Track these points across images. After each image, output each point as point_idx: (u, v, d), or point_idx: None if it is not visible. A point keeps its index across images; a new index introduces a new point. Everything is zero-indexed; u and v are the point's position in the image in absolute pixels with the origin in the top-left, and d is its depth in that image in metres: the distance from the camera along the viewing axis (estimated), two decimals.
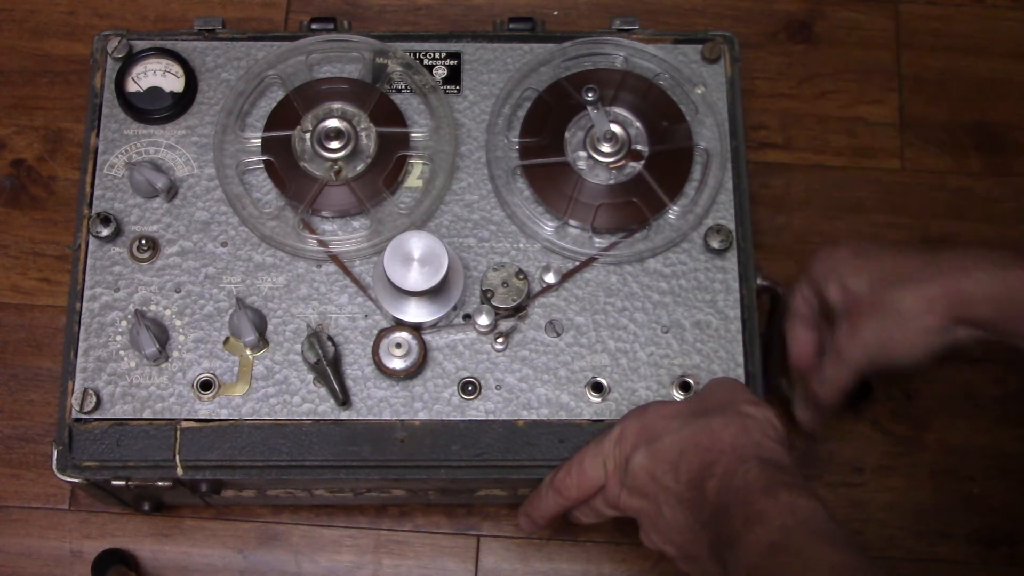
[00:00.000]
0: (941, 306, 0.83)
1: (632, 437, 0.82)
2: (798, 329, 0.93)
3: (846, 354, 0.87)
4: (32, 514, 1.03)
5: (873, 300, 0.85)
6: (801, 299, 0.92)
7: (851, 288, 0.86)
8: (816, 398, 0.91)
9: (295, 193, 0.92)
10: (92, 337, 0.90)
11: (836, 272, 0.87)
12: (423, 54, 0.98)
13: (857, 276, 0.86)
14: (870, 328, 0.85)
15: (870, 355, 0.86)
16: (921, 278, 0.84)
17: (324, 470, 0.88)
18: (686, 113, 0.96)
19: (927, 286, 0.83)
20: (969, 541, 1.04)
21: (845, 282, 0.87)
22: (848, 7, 1.19)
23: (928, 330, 0.84)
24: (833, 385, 0.89)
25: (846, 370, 0.88)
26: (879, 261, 0.86)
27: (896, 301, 0.84)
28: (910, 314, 0.84)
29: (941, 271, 0.84)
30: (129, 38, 0.97)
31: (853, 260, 0.87)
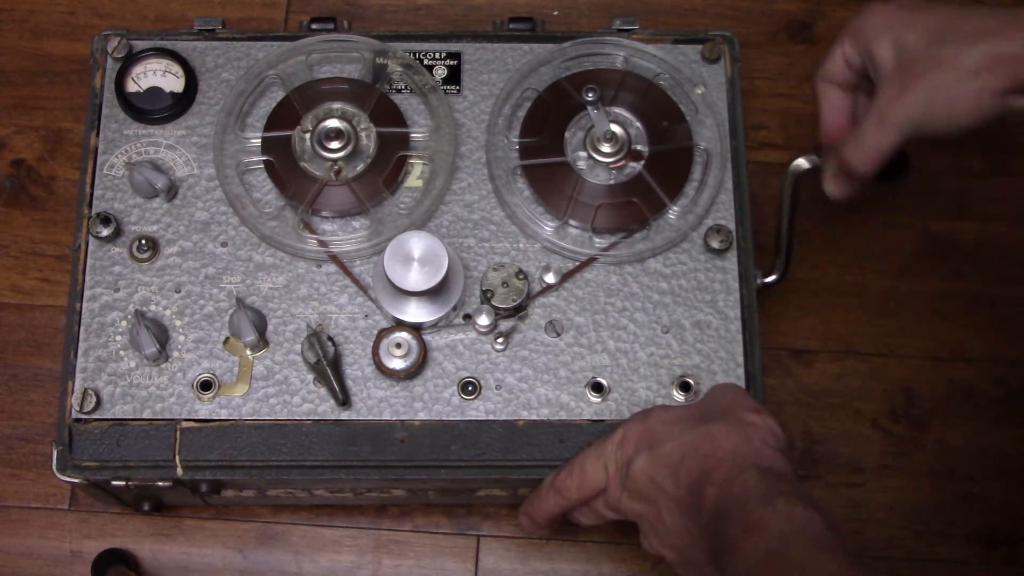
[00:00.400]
0: (1007, 66, 0.77)
1: (634, 441, 0.82)
2: (832, 91, 0.87)
3: (890, 115, 0.80)
4: (32, 514, 1.03)
5: (930, 56, 0.78)
6: (841, 58, 0.85)
7: (907, 43, 0.80)
8: (850, 166, 0.84)
9: (295, 193, 0.92)
10: (92, 337, 0.90)
11: (890, 28, 0.81)
12: (423, 54, 0.98)
13: (916, 31, 0.79)
14: (923, 86, 0.79)
15: (917, 117, 0.80)
16: (992, 34, 0.77)
17: (324, 470, 0.88)
18: (686, 113, 0.96)
19: (995, 44, 0.77)
20: (969, 541, 1.04)
21: (901, 37, 0.80)
22: (848, 7, 1.19)
23: (985, 92, 0.78)
24: (872, 151, 0.82)
25: (888, 134, 0.81)
26: (940, 15, 0.79)
27: (957, 57, 0.77)
28: (970, 72, 0.77)
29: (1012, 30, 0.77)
30: (129, 38, 0.97)
31: (910, 15, 0.81)
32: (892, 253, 1.11)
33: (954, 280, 1.10)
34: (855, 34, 0.84)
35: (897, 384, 1.07)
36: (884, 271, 1.11)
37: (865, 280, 1.11)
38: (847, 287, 1.10)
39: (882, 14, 0.82)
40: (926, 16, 0.80)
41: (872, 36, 0.82)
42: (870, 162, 0.83)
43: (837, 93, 0.87)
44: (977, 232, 1.12)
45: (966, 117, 0.79)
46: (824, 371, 1.08)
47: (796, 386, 1.07)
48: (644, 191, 0.93)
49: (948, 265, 1.11)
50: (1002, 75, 0.77)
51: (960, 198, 1.13)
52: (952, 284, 1.10)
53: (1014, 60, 0.77)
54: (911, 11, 0.81)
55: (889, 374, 1.08)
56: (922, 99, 0.79)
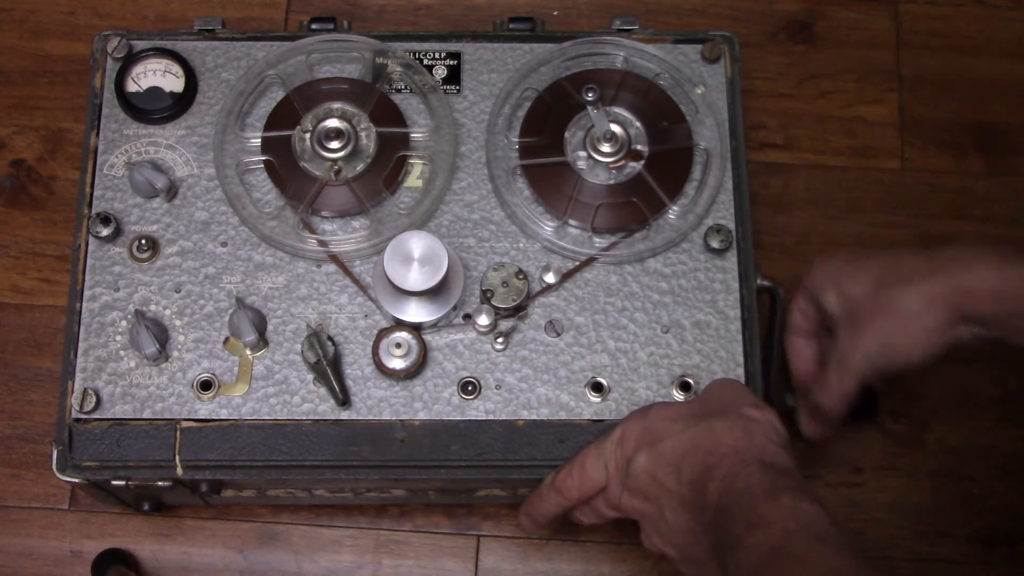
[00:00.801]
0: (943, 304, 0.82)
1: (634, 439, 0.82)
2: (798, 342, 0.93)
3: (848, 360, 0.86)
4: (32, 514, 1.03)
5: (873, 303, 0.84)
6: (799, 312, 0.91)
7: (850, 293, 0.86)
8: (820, 409, 0.90)
9: (295, 193, 0.92)
10: (92, 337, 0.90)
11: (833, 280, 0.87)
12: (423, 54, 0.98)
13: (855, 281, 0.86)
14: (872, 331, 0.84)
15: (873, 359, 0.85)
16: (921, 277, 0.83)
17: (324, 470, 0.88)
18: (686, 113, 0.96)
19: (928, 284, 0.83)
20: (969, 541, 1.04)
21: (843, 288, 0.86)
22: (848, 7, 1.19)
23: (931, 329, 0.83)
24: (837, 394, 0.88)
25: (849, 377, 0.87)
26: (876, 264, 0.86)
27: (897, 301, 0.83)
28: (912, 313, 0.83)
29: (941, 268, 0.83)
30: (129, 38, 0.97)
31: (849, 266, 0.87)
32: None
33: None
34: (806, 289, 0.90)
35: (897, 384, 1.07)
36: None
37: None
38: None
39: (824, 267, 0.89)
40: (863, 266, 0.86)
41: (820, 289, 0.88)
42: (837, 403, 0.89)
43: (802, 342, 0.93)
44: (977, 232, 1.12)
45: (919, 353, 0.84)
46: None
47: None
48: (644, 191, 0.93)
49: None
50: (940, 312, 0.83)
51: (960, 198, 1.13)
52: None
53: (946, 297, 0.82)
54: (849, 262, 0.87)
55: None
56: (874, 342, 0.85)
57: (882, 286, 0.84)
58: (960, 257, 0.83)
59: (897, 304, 0.83)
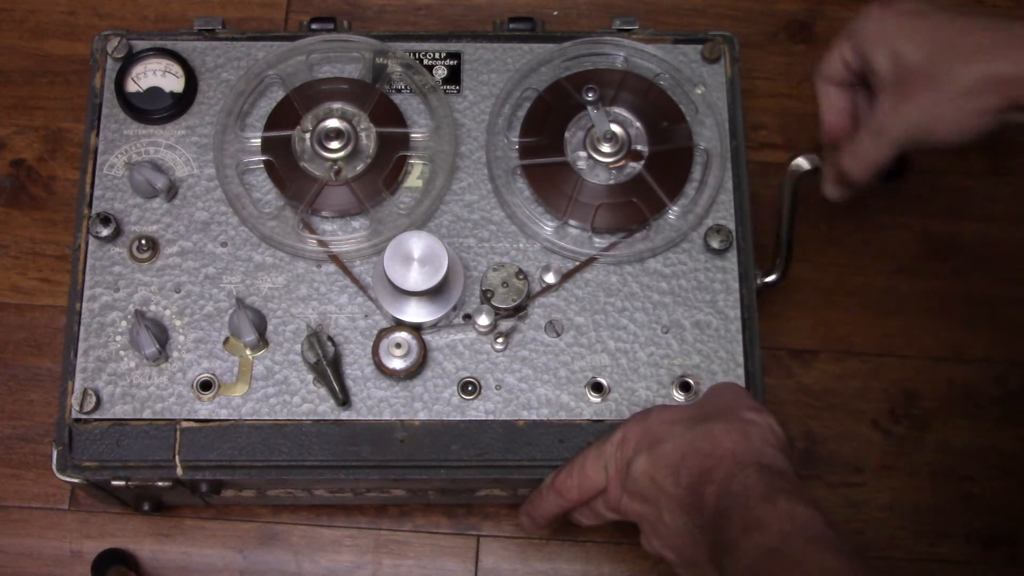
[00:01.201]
0: (1003, 88, 0.77)
1: (634, 441, 0.82)
2: (832, 92, 0.86)
3: (887, 129, 0.80)
4: (32, 514, 1.03)
5: (927, 72, 0.78)
6: (839, 60, 0.85)
7: (905, 56, 0.79)
8: (848, 174, 0.85)
9: (295, 193, 0.92)
10: (92, 337, 0.90)
11: (888, 36, 0.80)
12: (423, 54, 0.98)
13: (913, 43, 0.79)
14: (919, 102, 0.79)
15: (913, 132, 0.80)
16: (984, 54, 0.77)
17: (324, 470, 0.88)
18: (686, 113, 0.96)
19: (991, 65, 0.77)
20: (969, 541, 1.04)
21: (898, 48, 0.79)
22: (848, 7, 1.19)
23: (982, 111, 0.78)
24: (869, 162, 0.82)
25: (885, 146, 0.81)
26: (938, 28, 0.79)
27: (954, 76, 0.77)
28: (967, 92, 0.77)
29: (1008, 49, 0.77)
30: (129, 38, 0.97)
31: (909, 24, 0.80)
32: (892, 253, 1.11)
33: (954, 280, 1.10)
34: (853, 38, 0.83)
35: (897, 384, 1.08)
36: (884, 271, 1.11)
37: (865, 280, 1.11)
38: (847, 287, 1.10)
39: (880, 20, 0.82)
40: (923, 27, 0.80)
41: (870, 43, 0.82)
42: (867, 172, 0.84)
43: (836, 92, 0.87)
44: (977, 232, 1.12)
45: (962, 134, 0.79)
46: (824, 371, 1.08)
47: (796, 386, 1.07)
48: (644, 191, 0.93)
49: (948, 265, 1.11)
50: (997, 96, 0.77)
51: (960, 198, 1.13)
52: (952, 284, 1.10)
53: (1009, 81, 0.77)
54: (909, 19, 0.80)
55: (889, 374, 1.08)
56: (918, 115, 0.79)
57: (941, 55, 0.78)
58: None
59: (953, 79, 0.77)
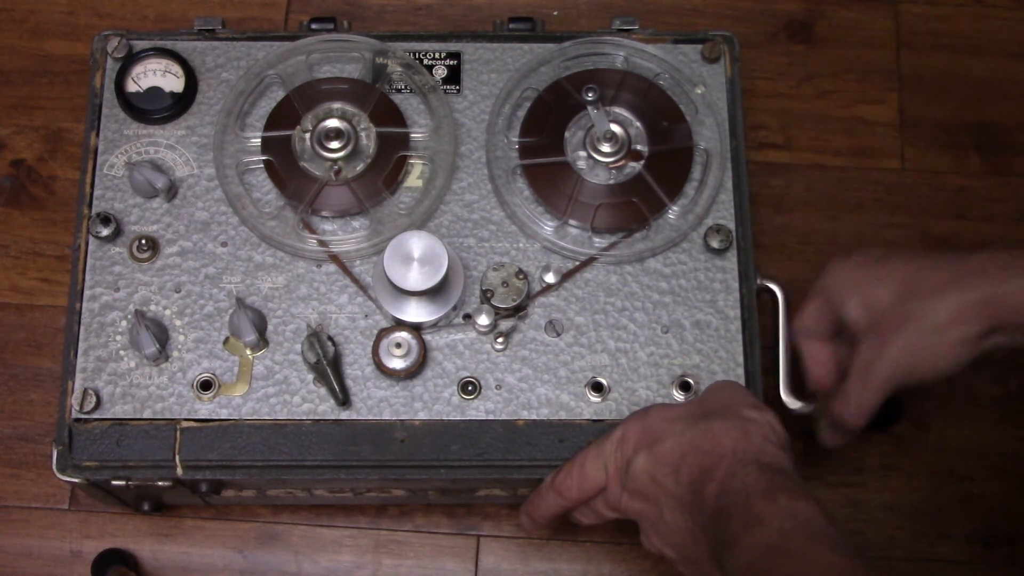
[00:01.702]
0: (975, 315, 0.79)
1: (634, 440, 0.82)
2: (813, 346, 0.89)
3: (873, 374, 0.82)
4: (32, 514, 1.03)
5: (899, 313, 0.80)
6: (813, 315, 0.87)
7: (873, 302, 0.82)
8: (842, 422, 0.86)
9: (295, 193, 0.92)
10: (92, 337, 0.90)
11: (855, 287, 0.83)
12: (423, 54, 0.98)
13: (881, 287, 0.82)
14: (898, 344, 0.80)
15: (899, 373, 0.82)
16: (950, 287, 0.79)
17: (324, 470, 0.88)
18: (686, 113, 0.96)
19: (958, 294, 0.79)
20: (969, 541, 1.04)
21: (865, 296, 0.82)
22: (848, 7, 1.19)
23: (961, 341, 0.80)
24: (860, 408, 0.84)
25: (874, 391, 0.83)
26: (900, 270, 0.82)
27: (925, 313, 0.79)
28: (942, 326, 0.79)
29: (971, 277, 0.79)
30: (129, 38, 0.97)
31: (871, 271, 0.83)
32: None
33: None
34: (823, 293, 0.86)
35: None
36: None
37: None
38: None
39: (846, 272, 0.84)
40: (887, 271, 0.82)
41: (838, 296, 0.84)
42: (859, 417, 0.85)
43: (817, 345, 0.89)
44: (977, 232, 1.12)
45: (946, 366, 0.81)
46: None
47: None
48: (644, 191, 0.93)
49: None
50: (972, 324, 0.79)
51: (960, 198, 1.13)
52: None
53: (978, 308, 0.79)
54: (870, 266, 0.83)
55: None
56: (900, 356, 0.81)
57: (909, 295, 0.80)
58: (990, 265, 0.79)
59: (926, 316, 0.79)
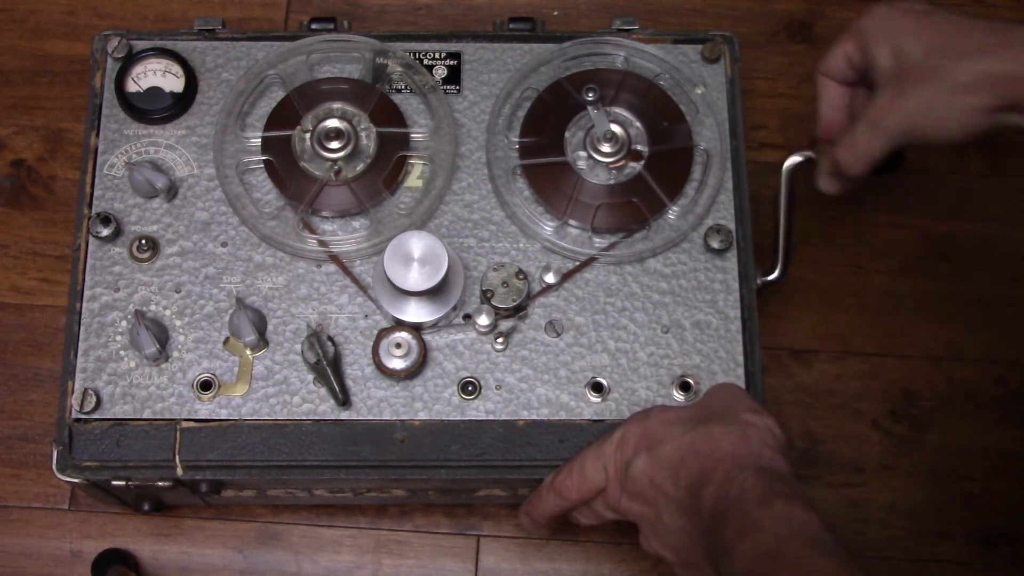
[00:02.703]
0: (997, 85, 0.78)
1: (633, 442, 0.82)
2: (832, 88, 0.88)
3: (883, 121, 0.82)
4: (32, 514, 1.03)
5: (926, 67, 0.80)
6: (843, 55, 0.86)
7: (906, 52, 0.81)
8: (843, 166, 0.86)
9: (295, 193, 0.92)
10: (92, 337, 0.90)
11: (892, 33, 0.82)
12: (423, 54, 0.98)
13: (915, 39, 0.81)
14: (915, 96, 0.80)
15: (908, 125, 0.82)
16: (983, 52, 0.79)
17: (324, 470, 0.88)
18: (686, 113, 0.96)
19: (987, 62, 0.78)
20: (969, 541, 1.04)
21: (900, 44, 0.81)
22: (848, 7, 1.19)
23: (976, 108, 0.79)
24: (864, 154, 0.84)
25: (880, 139, 0.83)
26: (940, 26, 0.81)
27: (951, 71, 0.79)
28: (962, 87, 0.79)
29: (1006, 48, 0.78)
30: (129, 38, 0.97)
31: (913, 22, 0.82)
32: (892, 253, 1.11)
33: (954, 280, 1.10)
34: (858, 34, 0.85)
35: (897, 384, 1.08)
36: (884, 271, 1.11)
37: (865, 280, 1.11)
38: (847, 287, 1.10)
39: (885, 18, 0.83)
40: (927, 25, 0.81)
41: (873, 39, 0.83)
42: (862, 164, 0.85)
43: (836, 89, 0.88)
44: (977, 232, 1.12)
45: (956, 131, 0.81)
46: (824, 371, 1.08)
47: (796, 386, 1.07)
48: (644, 191, 0.93)
49: (948, 265, 1.11)
50: (992, 94, 0.79)
51: (960, 198, 1.13)
52: (952, 284, 1.10)
53: (1004, 79, 0.78)
54: (914, 18, 0.82)
55: (889, 374, 1.08)
56: (914, 109, 0.81)
57: (940, 52, 0.80)
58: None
59: (950, 75, 0.79)
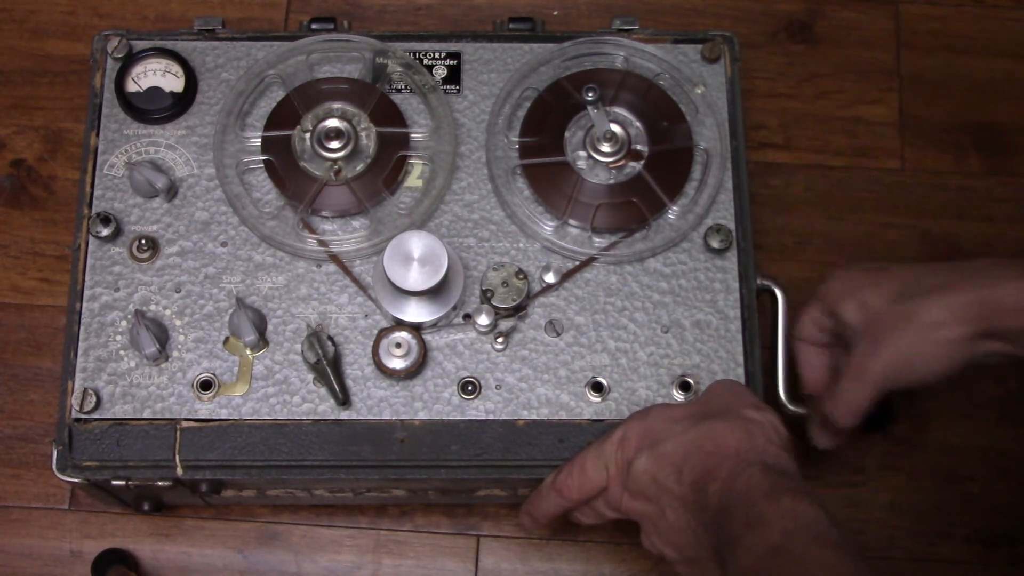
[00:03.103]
0: (967, 316, 0.80)
1: (635, 440, 0.82)
2: (809, 351, 0.91)
3: (866, 372, 0.83)
4: (32, 514, 1.03)
5: (894, 313, 0.82)
6: (811, 321, 0.89)
7: (870, 304, 0.83)
8: (833, 421, 0.87)
9: (295, 193, 0.92)
10: (92, 337, 0.90)
11: (853, 291, 0.85)
12: (423, 54, 0.98)
13: (876, 291, 0.83)
14: (892, 342, 0.82)
15: (891, 372, 0.83)
16: (945, 289, 0.81)
17: (324, 470, 0.88)
18: (686, 113, 0.96)
19: (953, 296, 0.80)
20: (969, 541, 1.04)
21: (864, 299, 0.84)
22: (848, 7, 1.19)
23: (952, 342, 0.80)
24: (852, 407, 0.85)
25: (866, 390, 0.84)
26: (898, 276, 0.84)
27: (919, 312, 0.81)
28: (934, 325, 0.80)
29: (966, 281, 0.81)
30: (129, 38, 0.97)
31: (870, 277, 0.85)
32: (892, 253, 1.11)
33: None
34: (822, 299, 0.88)
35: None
36: None
37: None
38: None
39: (844, 279, 0.87)
40: (885, 277, 0.84)
41: (838, 299, 0.86)
42: (851, 416, 0.86)
43: (813, 351, 0.91)
44: (977, 232, 1.12)
45: (938, 368, 0.82)
46: None
47: None
48: (644, 191, 0.93)
49: None
50: (966, 325, 0.80)
51: (960, 198, 1.13)
52: None
53: (974, 307, 0.80)
54: (871, 274, 0.85)
55: None
56: (894, 355, 0.82)
57: (904, 297, 0.82)
58: (985, 270, 0.81)
59: (919, 315, 0.81)
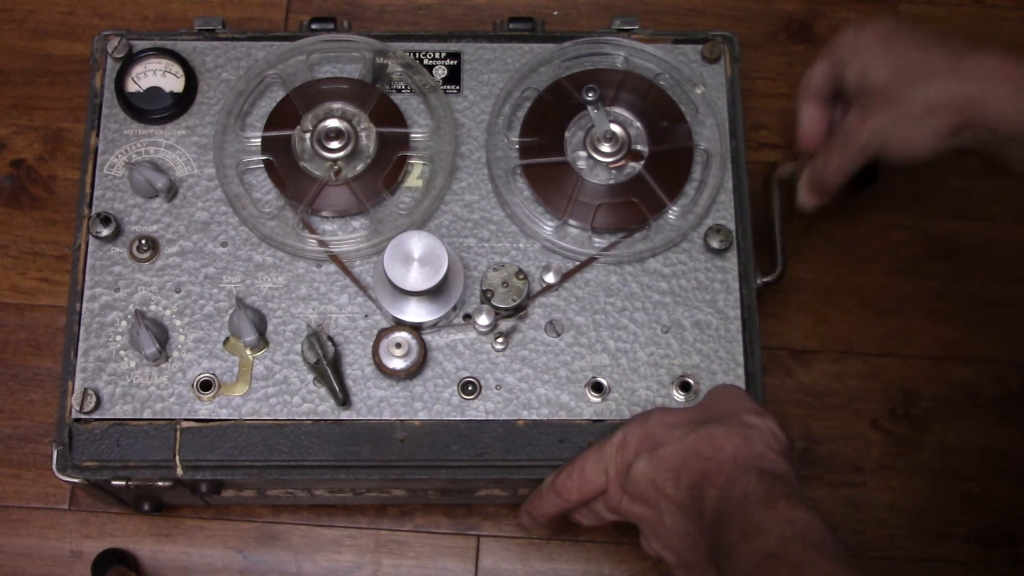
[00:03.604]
0: (953, 107, 0.83)
1: (634, 444, 0.82)
2: (810, 105, 0.94)
3: (853, 139, 0.87)
4: (32, 514, 1.03)
5: (890, 89, 0.86)
6: (819, 74, 0.92)
7: (871, 74, 0.87)
8: (820, 180, 0.92)
9: (295, 193, 0.92)
10: (92, 337, 0.90)
11: (859, 55, 0.88)
12: (423, 54, 0.98)
13: (879, 63, 0.87)
14: (879, 117, 0.86)
15: (875, 144, 0.87)
16: (941, 76, 0.84)
17: (324, 470, 0.88)
18: (686, 113, 0.96)
19: (944, 87, 0.84)
20: (969, 541, 1.04)
21: (866, 67, 0.87)
22: (848, 7, 1.19)
23: (935, 127, 0.85)
24: (838, 169, 0.90)
25: (852, 155, 0.88)
26: (904, 51, 0.86)
27: (911, 96, 0.84)
28: (921, 112, 0.84)
29: (963, 73, 0.83)
30: (129, 38, 0.97)
31: (878, 45, 0.87)
32: (892, 253, 1.11)
33: (954, 280, 1.10)
34: (831, 54, 0.90)
35: (897, 384, 1.07)
36: (884, 271, 1.11)
37: (865, 280, 1.11)
38: (847, 287, 1.10)
39: (855, 38, 0.89)
40: (891, 48, 0.87)
41: (845, 59, 0.89)
42: (836, 177, 0.91)
43: (815, 105, 0.94)
44: (977, 232, 1.12)
45: (918, 150, 0.86)
46: (824, 371, 1.08)
47: (796, 386, 1.07)
48: (644, 191, 0.93)
49: (948, 265, 1.11)
50: (949, 116, 0.84)
51: (960, 198, 1.13)
52: (952, 284, 1.10)
53: (958, 102, 0.83)
54: (880, 39, 0.88)
55: (889, 374, 1.08)
56: (879, 131, 0.87)
57: (903, 75, 0.85)
58: (988, 66, 0.83)
59: (909, 100, 0.84)
